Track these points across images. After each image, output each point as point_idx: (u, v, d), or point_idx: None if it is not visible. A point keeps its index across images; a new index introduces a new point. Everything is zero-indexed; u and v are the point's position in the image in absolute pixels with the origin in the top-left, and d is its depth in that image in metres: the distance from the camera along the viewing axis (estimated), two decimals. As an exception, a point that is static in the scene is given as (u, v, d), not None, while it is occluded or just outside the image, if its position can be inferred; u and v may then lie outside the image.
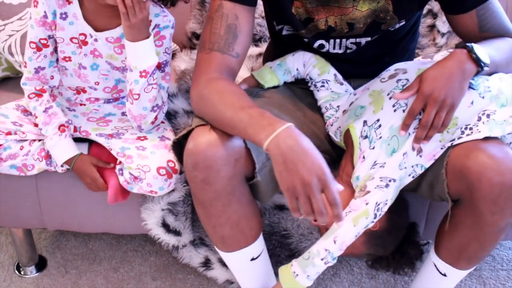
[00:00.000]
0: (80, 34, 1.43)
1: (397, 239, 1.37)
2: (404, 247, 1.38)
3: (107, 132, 1.53)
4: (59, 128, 1.48)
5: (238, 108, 1.18)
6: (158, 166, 1.41)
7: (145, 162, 1.41)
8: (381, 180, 1.25)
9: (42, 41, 1.44)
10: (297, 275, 1.28)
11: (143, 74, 1.39)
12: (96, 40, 1.43)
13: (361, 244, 1.33)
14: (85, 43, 1.44)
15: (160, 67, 1.45)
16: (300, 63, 1.46)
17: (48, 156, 1.50)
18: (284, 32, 1.42)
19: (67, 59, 1.48)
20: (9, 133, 1.49)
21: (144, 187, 1.42)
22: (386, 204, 1.25)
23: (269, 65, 1.48)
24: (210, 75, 1.26)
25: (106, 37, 1.43)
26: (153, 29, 1.42)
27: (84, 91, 1.55)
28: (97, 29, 1.42)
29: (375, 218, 1.24)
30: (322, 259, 1.26)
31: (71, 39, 1.44)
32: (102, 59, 1.47)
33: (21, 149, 1.49)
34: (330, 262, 1.27)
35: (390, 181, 1.25)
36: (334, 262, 1.28)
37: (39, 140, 1.52)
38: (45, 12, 1.40)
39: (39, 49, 1.44)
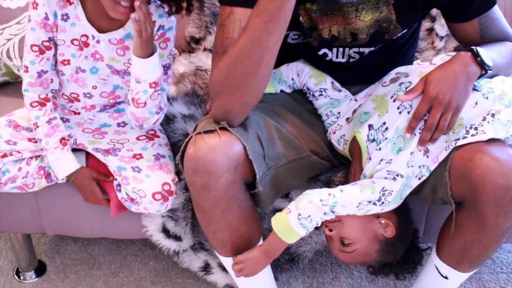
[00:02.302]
0: (82, 36, 1.42)
1: (406, 245, 1.37)
2: (409, 253, 1.38)
3: (103, 147, 1.52)
4: (60, 141, 1.47)
5: (243, 29, 1.18)
6: (153, 191, 1.41)
7: (140, 186, 1.41)
8: (388, 173, 1.25)
9: (45, 43, 1.41)
10: (290, 211, 1.25)
11: (153, 85, 1.39)
12: (98, 41, 1.42)
13: (375, 252, 1.33)
14: (86, 44, 1.43)
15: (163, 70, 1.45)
16: (294, 73, 1.46)
17: (48, 176, 1.50)
18: (289, 40, 1.41)
19: (65, 62, 1.46)
20: (5, 155, 1.46)
21: (141, 209, 1.43)
22: (391, 194, 1.24)
23: None
24: None
25: (109, 38, 1.42)
26: (158, 30, 1.41)
27: (78, 100, 1.53)
28: (99, 31, 1.41)
29: (379, 201, 1.24)
30: (321, 200, 1.22)
31: (72, 41, 1.43)
32: (102, 62, 1.45)
33: (19, 170, 1.47)
34: (327, 211, 1.23)
35: (397, 175, 1.25)
36: (329, 217, 1.24)
37: (36, 158, 1.50)
38: (46, 13, 1.37)
39: (42, 52, 1.42)
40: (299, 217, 1.23)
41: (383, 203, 1.24)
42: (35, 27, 1.39)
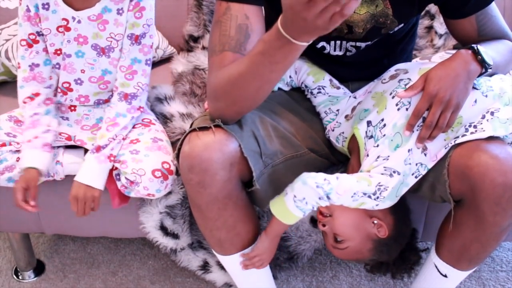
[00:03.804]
0: (63, 19, 1.45)
1: (401, 246, 1.36)
2: (406, 253, 1.38)
3: None
4: (30, 139, 1.46)
5: (247, 56, 1.15)
6: (153, 168, 1.40)
7: (140, 165, 1.41)
8: (385, 169, 1.24)
9: (31, 37, 1.46)
10: (286, 193, 1.24)
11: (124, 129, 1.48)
12: (79, 21, 1.44)
13: (367, 251, 1.33)
14: (68, 29, 1.45)
15: (137, 39, 1.46)
16: (292, 70, 1.46)
17: None
18: None
19: (58, 52, 1.49)
20: (3, 145, 1.48)
21: (141, 190, 1.41)
22: (386, 190, 1.23)
23: None
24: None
25: (88, 15, 1.44)
26: (131, 1, 1.43)
27: (70, 90, 1.55)
28: (77, 10, 1.44)
29: (374, 194, 1.23)
30: (315, 183, 1.21)
31: (57, 29, 1.46)
32: (87, 45, 1.47)
33: (17, 160, 1.47)
34: (321, 195, 1.21)
35: (394, 172, 1.24)
36: (324, 203, 1.23)
37: None
38: (27, 6, 1.43)
39: (29, 45, 1.47)
40: (295, 199, 1.23)
41: (377, 197, 1.23)
42: (21, 22, 1.45)
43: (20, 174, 1.44)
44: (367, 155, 1.28)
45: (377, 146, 1.27)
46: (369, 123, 1.30)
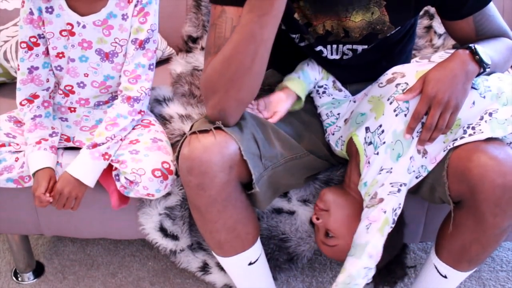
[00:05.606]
0: (67, 24, 1.44)
1: (390, 257, 1.35)
2: (392, 266, 1.38)
3: None
4: (39, 140, 1.46)
5: (237, 27, 1.17)
6: (152, 168, 1.40)
7: (140, 165, 1.40)
8: (392, 186, 1.24)
9: (32, 39, 1.46)
10: None
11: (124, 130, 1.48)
12: (84, 26, 1.44)
13: None
14: (72, 33, 1.45)
15: (141, 45, 1.46)
16: (316, 72, 1.44)
17: None
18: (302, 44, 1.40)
19: (60, 55, 1.49)
20: (3, 145, 1.47)
21: (141, 190, 1.41)
22: (400, 207, 1.25)
23: (296, 76, 1.42)
24: None
25: (93, 20, 1.44)
26: (135, 6, 1.44)
27: (72, 92, 1.55)
28: (83, 15, 1.44)
29: (393, 223, 1.24)
30: (363, 278, 1.23)
31: (60, 32, 1.46)
32: (91, 50, 1.47)
33: (16, 160, 1.47)
34: (370, 277, 1.25)
35: (401, 185, 1.24)
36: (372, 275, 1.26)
37: None
38: (30, 9, 1.42)
39: (30, 48, 1.46)
40: None
41: (394, 220, 1.25)
42: (22, 24, 1.45)
43: (36, 178, 1.43)
44: (368, 162, 1.28)
45: (377, 153, 1.26)
46: (367, 129, 1.30)
